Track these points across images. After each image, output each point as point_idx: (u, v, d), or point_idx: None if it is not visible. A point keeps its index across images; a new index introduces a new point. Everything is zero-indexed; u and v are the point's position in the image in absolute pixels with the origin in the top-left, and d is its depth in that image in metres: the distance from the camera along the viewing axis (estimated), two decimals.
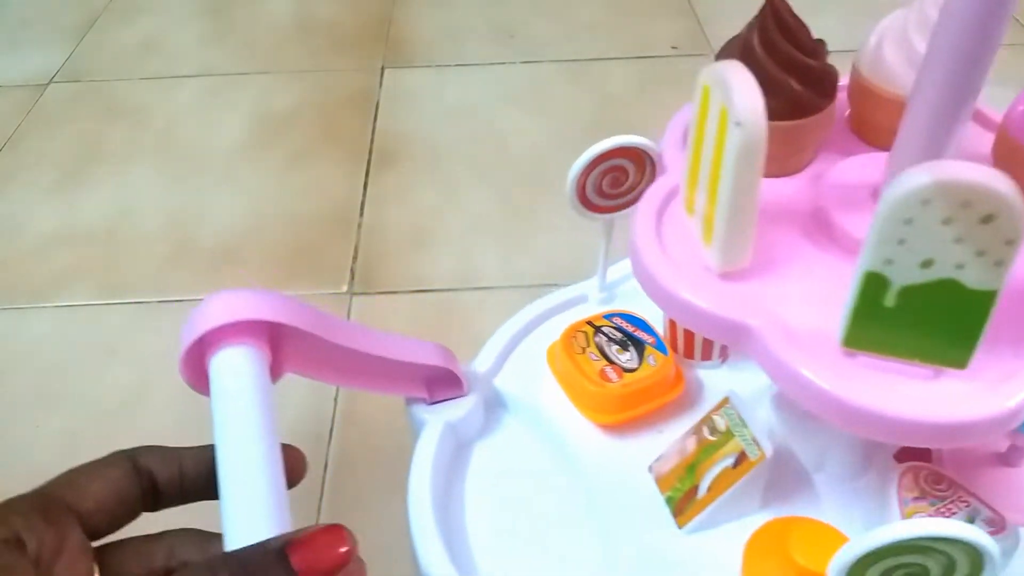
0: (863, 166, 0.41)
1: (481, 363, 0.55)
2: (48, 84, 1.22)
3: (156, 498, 0.33)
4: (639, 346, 0.51)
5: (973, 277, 0.31)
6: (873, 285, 0.32)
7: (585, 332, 0.53)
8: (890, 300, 0.32)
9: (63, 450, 0.71)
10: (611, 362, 0.50)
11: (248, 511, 0.30)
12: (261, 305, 0.38)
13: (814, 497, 0.45)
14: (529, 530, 0.48)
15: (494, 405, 0.54)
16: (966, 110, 0.34)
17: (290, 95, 1.14)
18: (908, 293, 0.32)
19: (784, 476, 0.46)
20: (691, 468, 0.46)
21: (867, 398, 0.33)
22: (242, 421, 0.34)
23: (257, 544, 0.23)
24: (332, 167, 1.03)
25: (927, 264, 0.31)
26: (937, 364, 0.34)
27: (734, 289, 0.37)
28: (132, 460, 0.32)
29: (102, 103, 1.17)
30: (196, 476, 0.33)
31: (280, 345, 0.39)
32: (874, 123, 0.43)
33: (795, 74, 0.39)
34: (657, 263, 0.38)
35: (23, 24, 1.37)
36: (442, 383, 0.51)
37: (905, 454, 0.45)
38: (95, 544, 0.30)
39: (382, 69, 1.20)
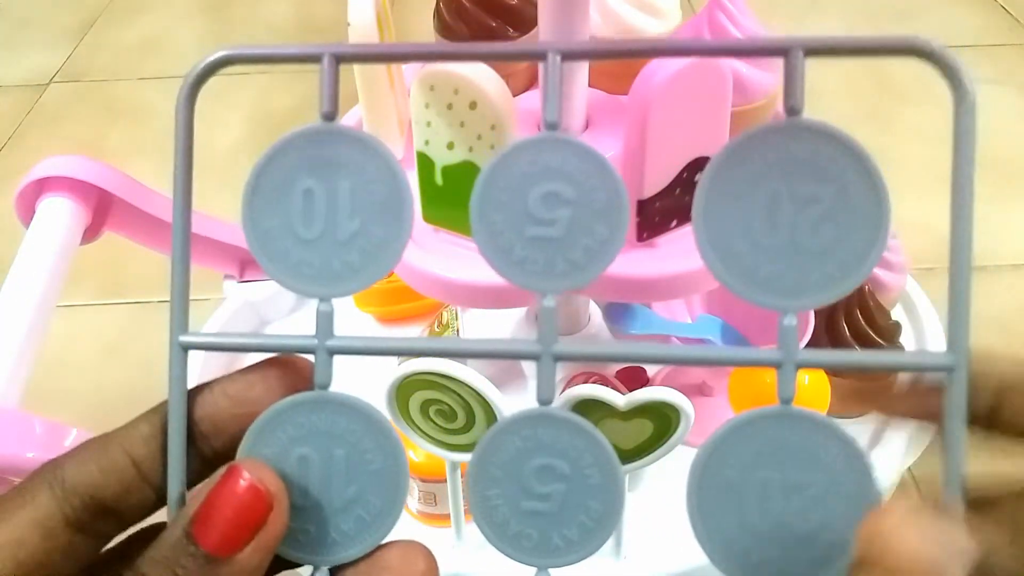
0: (533, 97, 0.47)
1: None
2: (48, 84, 1.22)
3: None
4: None
5: (481, 160, 0.35)
6: (424, 164, 0.37)
7: None
8: (439, 179, 0.37)
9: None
10: None
11: None
12: (88, 169, 0.50)
13: (525, 389, 0.56)
14: None
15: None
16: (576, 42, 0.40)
17: (290, 95, 1.14)
18: (447, 173, 0.37)
19: (510, 375, 0.57)
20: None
21: (428, 265, 0.39)
22: (27, 268, 0.46)
23: (158, 543, 0.18)
24: None
25: (451, 146, 0.35)
26: None
27: None
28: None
29: (102, 103, 1.17)
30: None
31: (106, 207, 0.51)
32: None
33: (486, 7, 0.45)
34: None
35: (23, 24, 1.37)
36: (253, 266, 0.60)
37: (625, 377, 0.54)
38: None
39: None
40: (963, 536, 0.17)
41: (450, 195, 0.38)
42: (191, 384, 0.20)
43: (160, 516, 0.20)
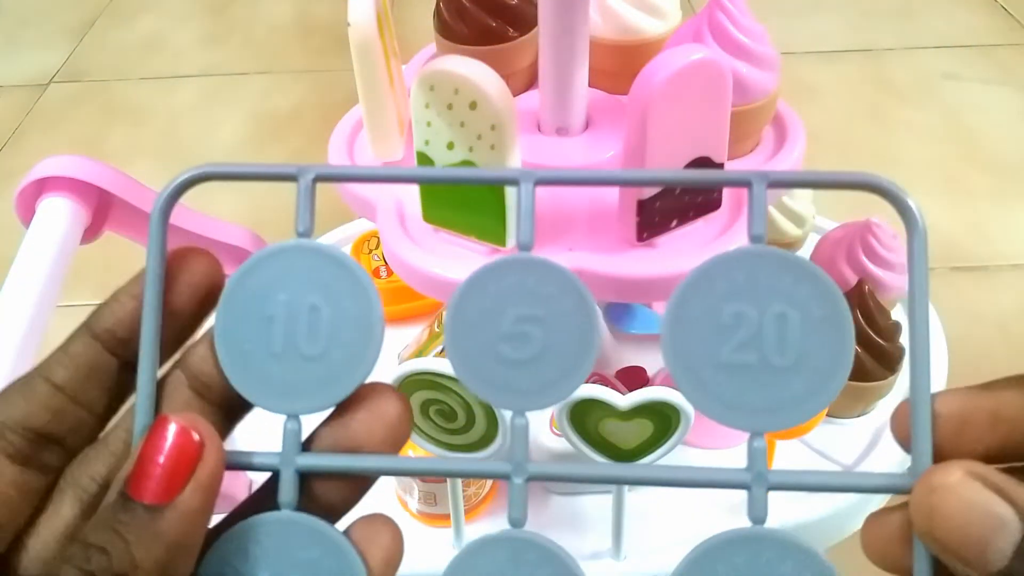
0: (532, 97, 0.46)
1: None
2: (48, 84, 1.22)
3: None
4: None
5: (481, 159, 0.35)
6: (424, 164, 0.37)
7: (378, 236, 0.60)
8: None
9: None
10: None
11: None
12: (88, 169, 0.49)
13: None
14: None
15: None
16: (576, 43, 0.41)
17: (290, 95, 1.14)
18: None
19: None
20: (420, 354, 0.53)
21: (428, 265, 0.38)
22: (27, 268, 0.45)
23: (100, 508, 0.19)
24: None
25: (451, 146, 0.35)
26: (487, 241, 0.38)
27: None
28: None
29: (102, 103, 1.17)
30: None
31: (106, 207, 0.51)
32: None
33: (486, 7, 0.45)
34: (339, 161, 0.46)
35: (23, 24, 1.37)
36: None
37: (625, 377, 0.53)
38: None
39: None
40: (1012, 510, 0.17)
41: (450, 195, 0.38)
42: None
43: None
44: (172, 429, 0.19)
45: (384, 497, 0.49)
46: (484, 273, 0.20)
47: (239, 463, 0.20)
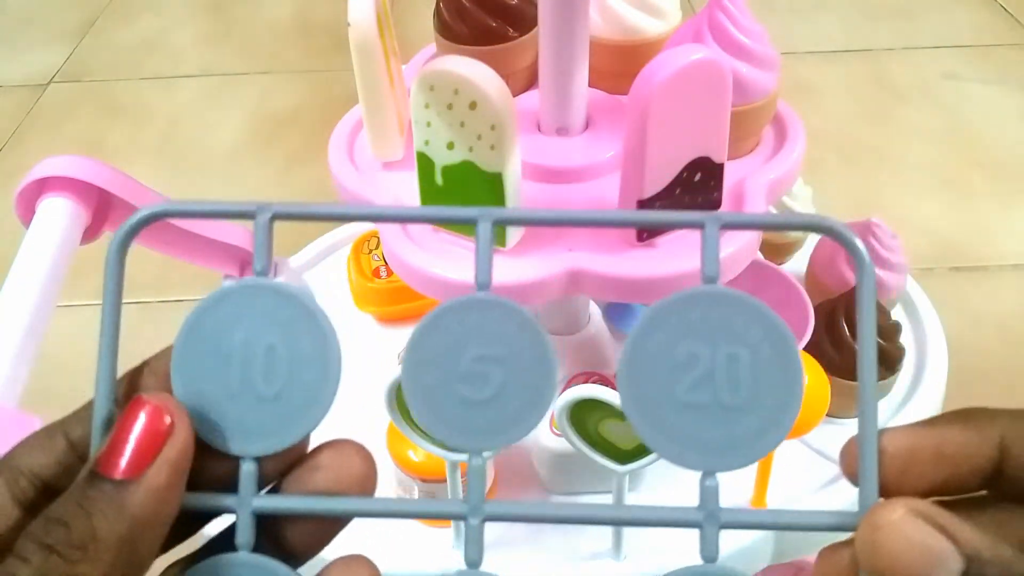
0: (532, 97, 0.46)
1: (297, 259, 0.66)
2: (48, 84, 1.22)
3: None
4: None
5: (481, 160, 0.35)
6: (424, 165, 0.37)
7: (378, 236, 0.60)
8: (439, 179, 0.37)
9: None
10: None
11: None
12: (88, 169, 0.49)
13: None
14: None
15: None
16: (576, 43, 0.41)
17: (290, 95, 1.14)
18: (448, 173, 0.37)
19: None
20: None
21: (424, 263, 0.38)
22: (27, 268, 0.45)
23: (71, 486, 0.19)
24: None
25: (451, 146, 0.36)
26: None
27: (382, 175, 0.45)
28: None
29: (102, 103, 1.17)
30: None
31: (106, 208, 0.51)
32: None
33: (486, 7, 0.45)
34: (340, 166, 0.45)
35: (23, 24, 1.37)
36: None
37: None
38: None
39: None
40: (952, 546, 0.17)
41: (450, 195, 0.38)
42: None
43: None
44: (145, 409, 0.19)
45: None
46: (441, 313, 0.20)
47: (196, 505, 0.20)
